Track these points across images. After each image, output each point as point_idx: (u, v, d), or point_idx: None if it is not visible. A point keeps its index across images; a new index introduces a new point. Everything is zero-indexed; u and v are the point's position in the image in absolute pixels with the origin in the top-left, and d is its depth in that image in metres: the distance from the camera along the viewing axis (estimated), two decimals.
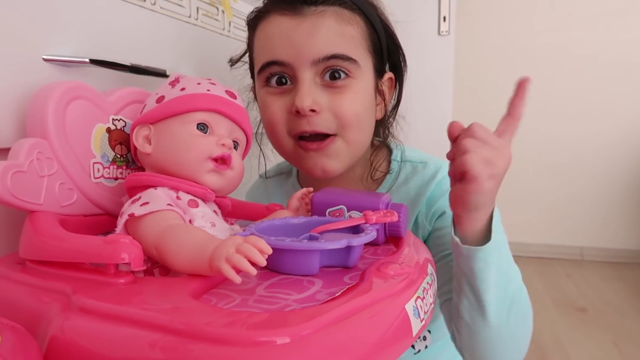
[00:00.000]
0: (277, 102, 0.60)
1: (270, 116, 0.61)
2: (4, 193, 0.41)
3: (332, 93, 0.59)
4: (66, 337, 0.33)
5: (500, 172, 0.48)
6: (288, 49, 0.57)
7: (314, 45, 0.57)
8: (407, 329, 0.36)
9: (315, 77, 0.59)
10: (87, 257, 0.39)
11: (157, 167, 0.50)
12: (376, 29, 0.63)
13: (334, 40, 0.57)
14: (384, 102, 0.68)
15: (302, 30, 0.57)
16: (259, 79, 0.63)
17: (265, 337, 0.29)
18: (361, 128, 0.62)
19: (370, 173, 0.69)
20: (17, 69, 0.50)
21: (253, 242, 0.35)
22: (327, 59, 0.57)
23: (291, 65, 0.58)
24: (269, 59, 0.59)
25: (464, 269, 0.53)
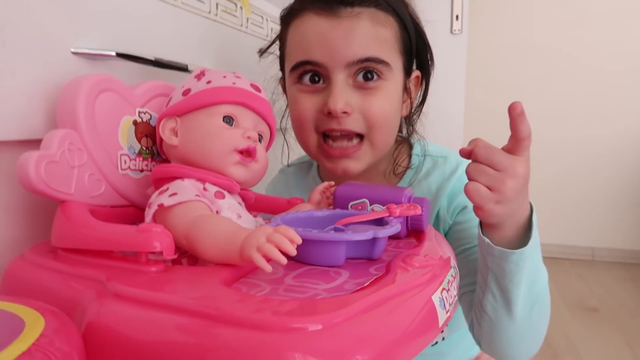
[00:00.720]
0: (309, 101, 0.61)
1: (300, 113, 0.62)
2: (39, 183, 0.42)
3: (363, 94, 0.60)
4: (102, 322, 0.34)
5: (509, 193, 0.47)
6: (323, 50, 0.58)
7: (350, 48, 0.57)
8: (434, 319, 0.37)
9: (348, 79, 0.60)
10: (120, 246, 0.40)
11: (183, 158, 0.51)
12: (407, 29, 0.63)
13: (369, 43, 0.58)
14: (409, 100, 0.68)
15: (338, 33, 0.57)
16: (291, 75, 0.63)
17: (297, 323, 0.30)
18: (388, 129, 0.63)
19: (393, 168, 0.70)
20: (47, 62, 0.51)
21: (283, 231, 0.36)
22: (361, 61, 0.58)
23: (325, 66, 0.59)
24: (304, 59, 0.60)
25: (492, 267, 0.53)
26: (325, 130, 0.61)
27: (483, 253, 0.54)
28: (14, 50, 0.47)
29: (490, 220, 0.50)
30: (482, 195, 0.47)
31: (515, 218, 0.51)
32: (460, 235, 0.64)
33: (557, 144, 2.56)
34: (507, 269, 0.51)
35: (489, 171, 0.47)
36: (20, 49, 0.48)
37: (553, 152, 2.57)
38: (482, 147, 0.48)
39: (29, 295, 0.40)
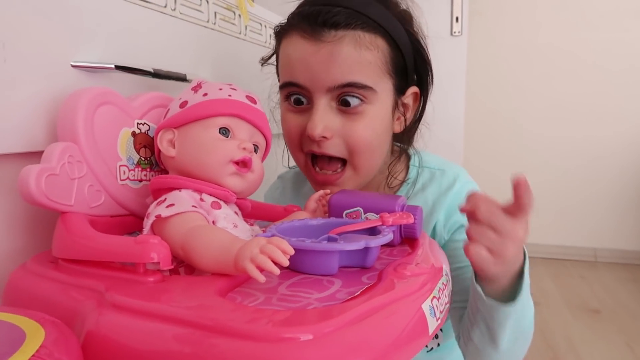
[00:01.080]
0: (294, 120, 0.63)
1: (287, 132, 0.64)
2: (39, 195, 0.43)
3: (345, 118, 0.60)
4: (101, 332, 0.35)
5: (510, 256, 0.48)
6: (305, 74, 0.59)
7: (330, 74, 0.57)
8: (424, 328, 0.37)
9: (331, 102, 0.60)
10: (118, 257, 0.41)
11: (180, 169, 0.52)
12: (400, 47, 0.61)
13: (351, 68, 0.57)
14: (404, 117, 0.67)
15: (319, 58, 0.57)
16: (280, 93, 0.65)
17: (289, 333, 0.31)
18: (372, 153, 0.63)
19: (388, 181, 0.69)
20: (47, 76, 0.53)
21: (276, 243, 0.37)
22: (342, 86, 0.58)
23: (308, 89, 0.60)
24: (288, 80, 0.61)
25: (482, 310, 0.53)
26: (308, 152, 0.62)
27: (474, 296, 0.54)
28: (16, 66, 0.49)
29: (487, 277, 0.51)
30: (483, 258, 0.48)
31: (507, 275, 0.51)
32: (455, 252, 0.63)
33: (559, 145, 2.57)
34: (496, 317, 0.52)
35: (490, 235, 0.47)
36: (21, 64, 0.49)
37: (555, 153, 2.57)
38: (484, 209, 0.47)
39: (30, 304, 0.41)
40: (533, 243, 2.54)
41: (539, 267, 2.44)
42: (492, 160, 2.55)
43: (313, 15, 0.57)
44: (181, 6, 0.76)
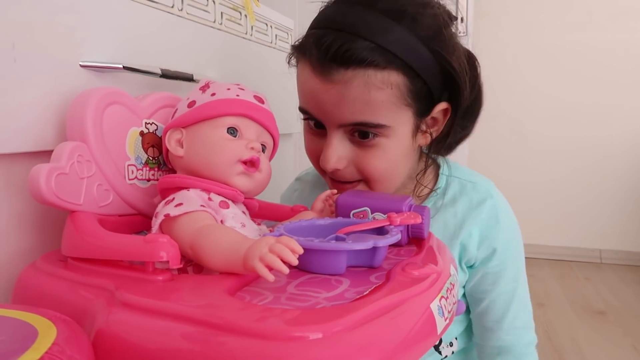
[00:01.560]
0: (313, 142, 0.63)
1: (307, 151, 0.65)
2: (49, 194, 0.44)
3: (360, 149, 0.59)
4: (111, 330, 0.36)
5: None
6: (317, 108, 0.58)
7: (341, 113, 0.56)
8: (432, 327, 0.38)
9: (345, 134, 0.59)
10: (128, 255, 0.41)
11: (188, 169, 0.52)
12: (421, 74, 0.56)
13: (361, 109, 0.55)
14: (430, 131, 0.64)
15: (329, 98, 0.55)
16: (299, 110, 0.63)
17: (298, 332, 0.31)
18: (387, 180, 0.62)
19: (416, 191, 0.68)
20: (56, 77, 0.53)
21: (285, 242, 0.37)
22: (353, 125, 0.57)
23: (321, 122, 0.59)
24: (303, 107, 0.61)
25: None
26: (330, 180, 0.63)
27: None
28: (25, 66, 0.49)
29: None
30: None
31: None
32: (485, 281, 0.66)
33: (564, 146, 2.56)
34: None
35: None
36: (30, 65, 0.50)
37: (560, 154, 2.56)
38: None
39: (40, 302, 0.41)
40: (538, 244, 2.53)
41: (544, 268, 2.44)
42: (497, 161, 2.54)
43: (325, 47, 0.53)
44: (188, 6, 0.76)
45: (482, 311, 0.68)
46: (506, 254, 0.65)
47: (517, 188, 2.35)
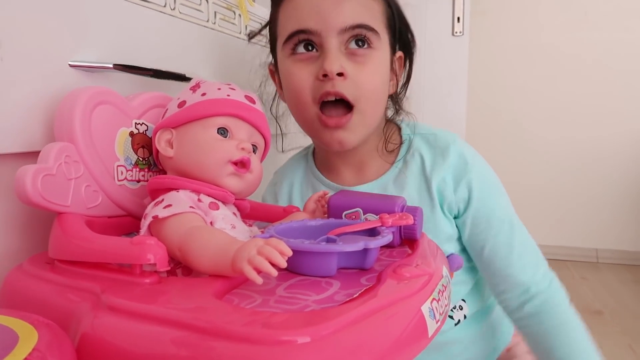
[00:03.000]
0: (305, 69, 0.62)
1: (297, 83, 0.63)
2: (35, 196, 0.43)
3: (355, 62, 0.61)
4: (96, 335, 0.35)
5: None
6: (316, 17, 0.60)
7: (342, 14, 0.59)
8: (423, 330, 0.37)
9: (341, 46, 0.61)
10: (115, 258, 0.41)
11: (178, 170, 0.51)
12: (391, 6, 0.66)
13: (360, 11, 0.60)
14: (395, 78, 0.70)
15: (329, 1, 0.59)
16: (284, 48, 0.64)
17: (286, 336, 0.30)
18: (377, 99, 0.65)
19: (385, 144, 0.71)
20: (44, 76, 0.52)
21: (274, 244, 0.37)
22: (352, 28, 0.60)
23: (319, 33, 0.60)
24: (297, 28, 0.61)
25: None
26: (322, 95, 0.61)
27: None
28: (13, 65, 0.48)
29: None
30: None
31: None
32: (479, 222, 0.66)
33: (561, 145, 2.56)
34: None
35: None
36: (18, 64, 0.49)
37: (557, 154, 2.56)
38: None
39: (26, 305, 0.41)
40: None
41: None
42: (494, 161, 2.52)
43: None
44: (181, 5, 0.75)
45: (488, 260, 0.68)
46: (485, 192, 0.67)
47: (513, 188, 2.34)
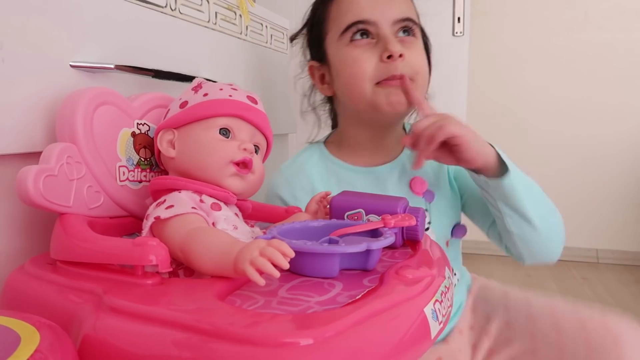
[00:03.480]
0: (365, 53, 0.69)
1: (359, 67, 0.69)
2: (37, 196, 0.43)
3: (406, 46, 0.70)
4: (99, 336, 0.35)
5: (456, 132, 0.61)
6: (374, 9, 0.69)
7: (395, 8, 0.70)
8: (426, 332, 0.37)
9: (392, 32, 0.70)
10: (117, 259, 0.41)
11: (180, 170, 0.51)
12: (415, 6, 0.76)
13: (407, 7, 0.72)
14: None
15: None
16: (341, 38, 0.71)
17: (289, 338, 0.30)
18: (426, 78, 0.74)
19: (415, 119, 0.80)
20: (46, 77, 0.52)
21: (276, 245, 0.37)
22: (402, 20, 0.70)
23: (376, 23, 0.69)
24: (356, 19, 0.69)
25: (496, 197, 0.67)
26: (388, 78, 0.68)
27: (486, 190, 0.68)
28: (14, 66, 0.48)
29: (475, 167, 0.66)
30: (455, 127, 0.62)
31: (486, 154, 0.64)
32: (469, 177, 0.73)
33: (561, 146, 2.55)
34: (508, 192, 0.65)
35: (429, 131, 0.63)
36: (19, 64, 0.49)
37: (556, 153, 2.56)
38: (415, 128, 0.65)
39: (28, 307, 0.41)
40: None
41: (541, 269, 2.43)
42: None
43: None
44: (182, 6, 0.75)
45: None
46: None
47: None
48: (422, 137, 0.63)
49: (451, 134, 0.61)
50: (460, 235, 0.77)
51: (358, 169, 0.76)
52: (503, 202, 0.66)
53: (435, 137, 0.61)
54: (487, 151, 0.65)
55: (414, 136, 0.65)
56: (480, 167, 0.65)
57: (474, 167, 0.65)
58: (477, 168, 0.66)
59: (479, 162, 0.64)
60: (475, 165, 0.65)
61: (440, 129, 0.61)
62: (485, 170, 0.65)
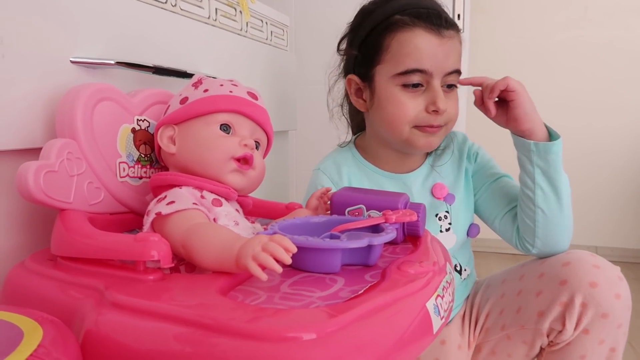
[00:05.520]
0: (412, 101, 0.73)
1: (402, 111, 0.73)
2: (38, 192, 0.43)
3: (447, 98, 0.74)
4: (100, 331, 0.35)
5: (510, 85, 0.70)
6: (433, 61, 0.71)
7: (449, 62, 0.72)
8: (428, 327, 0.37)
9: (440, 85, 0.73)
10: (118, 255, 0.40)
11: (181, 166, 0.51)
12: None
13: (458, 59, 0.75)
14: None
15: (444, 49, 0.71)
16: (396, 79, 0.73)
17: (292, 332, 0.30)
18: (455, 123, 0.79)
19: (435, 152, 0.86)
20: (46, 72, 0.52)
21: (278, 240, 0.37)
22: (451, 73, 0.73)
23: (430, 73, 0.71)
24: (415, 67, 0.71)
25: (538, 164, 0.70)
26: (426, 126, 0.74)
27: (528, 156, 0.71)
28: (14, 62, 0.48)
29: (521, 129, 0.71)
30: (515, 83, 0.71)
31: (534, 118, 0.71)
32: (485, 173, 0.83)
33: None
34: (550, 160, 0.70)
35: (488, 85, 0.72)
36: (19, 60, 0.49)
37: None
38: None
39: (29, 302, 0.41)
40: None
41: None
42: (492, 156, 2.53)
43: (434, 15, 0.71)
44: (182, 2, 0.75)
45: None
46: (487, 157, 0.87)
47: None
48: (487, 87, 0.72)
49: (510, 86, 0.69)
50: (475, 234, 0.82)
51: (387, 174, 0.81)
52: (542, 172, 0.70)
53: (497, 84, 0.70)
54: (536, 116, 0.71)
55: (479, 91, 0.74)
56: (527, 130, 0.70)
57: (522, 127, 0.70)
58: (524, 130, 0.70)
59: (527, 123, 0.70)
60: (523, 126, 0.70)
61: (501, 80, 0.70)
62: (531, 134, 0.70)
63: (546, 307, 0.66)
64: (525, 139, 0.71)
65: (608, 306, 0.62)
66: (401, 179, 0.81)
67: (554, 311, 0.65)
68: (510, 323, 0.72)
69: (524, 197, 0.74)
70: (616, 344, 0.66)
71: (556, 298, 0.65)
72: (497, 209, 0.80)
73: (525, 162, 0.72)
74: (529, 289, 0.71)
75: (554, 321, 0.66)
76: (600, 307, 0.62)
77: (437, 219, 0.79)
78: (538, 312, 0.68)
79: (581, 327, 0.64)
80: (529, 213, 0.73)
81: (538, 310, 0.68)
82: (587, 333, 0.64)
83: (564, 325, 0.65)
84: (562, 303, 0.65)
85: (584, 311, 0.63)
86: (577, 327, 0.64)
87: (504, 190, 0.80)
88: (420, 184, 0.81)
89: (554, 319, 0.66)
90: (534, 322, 0.68)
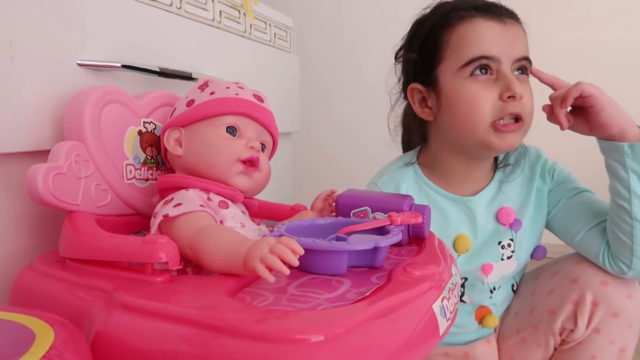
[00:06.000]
0: (485, 90, 0.67)
1: (477, 104, 0.67)
2: (47, 194, 0.43)
3: (522, 86, 0.69)
4: (110, 333, 0.35)
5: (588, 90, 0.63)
6: (499, 47, 0.67)
7: (516, 48, 0.68)
8: (435, 328, 0.37)
9: (511, 72, 0.69)
10: (127, 257, 0.41)
11: (187, 168, 0.51)
12: None
13: (525, 46, 0.71)
14: None
15: (508, 35, 0.68)
16: (462, 70, 0.68)
17: (300, 334, 0.31)
18: (532, 117, 0.72)
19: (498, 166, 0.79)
20: (53, 75, 0.52)
21: (286, 242, 0.37)
22: (520, 59, 0.69)
23: (499, 59, 0.67)
24: (481, 54, 0.67)
25: (636, 169, 0.62)
26: (508, 114, 0.67)
27: (621, 161, 0.63)
28: (22, 65, 0.49)
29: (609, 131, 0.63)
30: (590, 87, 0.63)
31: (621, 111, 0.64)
32: (563, 188, 0.75)
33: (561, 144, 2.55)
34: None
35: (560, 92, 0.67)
36: (28, 63, 0.49)
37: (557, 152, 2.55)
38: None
39: (38, 304, 0.41)
40: None
41: None
42: None
43: (492, 5, 0.70)
44: (187, 5, 0.75)
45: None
46: (565, 172, 0.80)
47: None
48: (556, 98, 0.66)
49: (585, 91, 0.62)
50: (541, 257, 0.77)
51: (450, 196, 0.75)
52: (636, 178, 0.62)
53: (569, 93, 0.63)
54: (624, 116, 0.63)
55: (549, 106, 0.69)
56: (616, 134, 0.63)
57: (610, 132, 0.63)
58: (612, 135, 0.63)
59: (615, 127, 0.62)
60: (611, 131, 0.62)
61: (574, 87, 0.63)
62: (623, 137, 0.63)
63: (558, 305, 0.66)
64: (616, 142, 0.63)
65: (619, 305, 0.62)
66: (464, 202, 0.74)
67: (566, 309, 0.65)
68: (524, 324, 0.72)
69: (617, 210, 0.65)
70: (626, 344, 0.65)
71: (567, 296, 0.65)
72: (578, 225, 0.71)
73: (617, 168, 0.64)
74: (542, 288, 0.70)
75: (566, 320, 0.66)
76: (612, 306, 0.62)
77: (500, 247, 0.73)
78: (550, 310, 0.67)
79: (592, 325, 0.64)
80: (625, 228, 0.63)
81: (550, 309, 0.67)
82: (598, 332, 0.64)
83: (576, 324, 0.64)
84: (573, 301, 0.64)
85: (594, 309, 0.63)
86: (589, 326, 0.64)
87: (587, 204, 0.72)
88: (485, 207, 0.74)
89: (566, 317, 0.66)
90: (547, 321, 0.68)
